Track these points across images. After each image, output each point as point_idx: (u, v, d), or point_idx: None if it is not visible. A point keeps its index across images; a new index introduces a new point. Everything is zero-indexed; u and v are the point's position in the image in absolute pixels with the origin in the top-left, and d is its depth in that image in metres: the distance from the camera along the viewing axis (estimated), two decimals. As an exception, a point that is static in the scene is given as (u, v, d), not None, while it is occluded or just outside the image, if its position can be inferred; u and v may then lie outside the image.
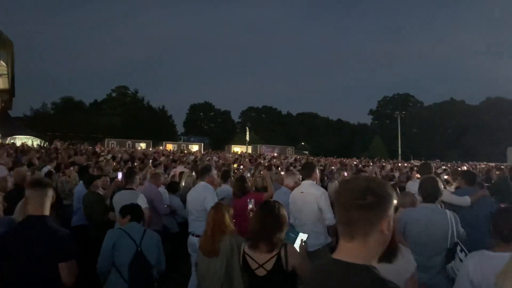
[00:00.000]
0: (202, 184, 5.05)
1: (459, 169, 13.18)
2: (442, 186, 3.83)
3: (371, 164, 19.92)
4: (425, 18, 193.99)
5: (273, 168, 11.19)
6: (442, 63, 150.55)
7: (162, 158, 15.99)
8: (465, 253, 3.14)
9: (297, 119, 79.59)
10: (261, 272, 2.70)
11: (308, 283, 1.39)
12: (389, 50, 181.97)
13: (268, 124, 75.49)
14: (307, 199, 4.47)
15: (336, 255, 1.30)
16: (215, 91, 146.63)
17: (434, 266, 3.31)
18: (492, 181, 8.67)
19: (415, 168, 9.80)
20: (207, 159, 18.02)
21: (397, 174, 12.35)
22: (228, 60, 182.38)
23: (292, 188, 4.99)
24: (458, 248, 3.21)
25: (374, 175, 7.77)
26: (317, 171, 4.94)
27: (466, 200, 4.82)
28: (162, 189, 6.47)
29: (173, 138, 59.37)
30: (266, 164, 13.07)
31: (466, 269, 2.40)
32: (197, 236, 4.48)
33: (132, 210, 3.82)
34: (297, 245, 3.07)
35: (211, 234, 3.24)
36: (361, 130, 76.93)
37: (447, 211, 3.53)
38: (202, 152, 34.04)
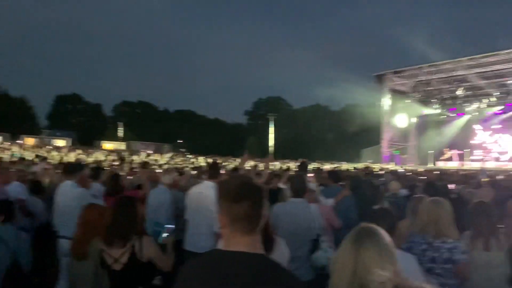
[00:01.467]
0: (70, 183, 4.69)
1: (323, 169, 14.54)
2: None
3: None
4: (294, 28, 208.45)
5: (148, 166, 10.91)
6: (310, 70, 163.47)
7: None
8: (327, 243, 3.55)
9: (174, 116, 78.41)
10: (117, 267, 2.72)
11: (192, 276, 1.41)
12: (264, 54, 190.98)
13: (144, 120, 72.84)
14: (205, 200, 4.40)
15: (232, 248, 1.37)
16: (85, 82, 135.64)
17: (300, 257, 3.64)
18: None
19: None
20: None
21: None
22: (102, 50, 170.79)
23: (171, 186, 4.95)
24: (322, 239, 3.61)
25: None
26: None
27: (328, 202, 5.39)
28: (17, 187, 5.67)
29: (34, 131, 53.31)
30: (142, 162, 12.67)
31: None
32: (68, 238, 4.16)
33: (3, 207, 3.36)
34: (162, 238, 3.05)
35: (82, 237, 3.08)
36: (237, 130, 79.14)
37: (313, 205, 3.93)
38: (69, 147, 31.35)
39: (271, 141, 52.90)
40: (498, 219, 3.87)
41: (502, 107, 29.67)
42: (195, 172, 9.38)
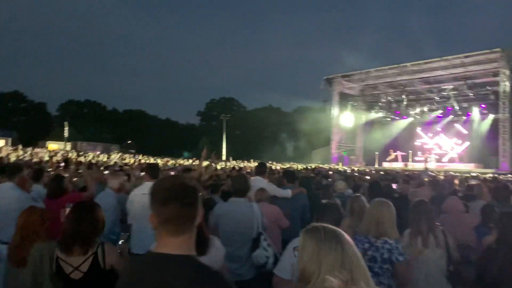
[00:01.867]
0: (8, 185, 4.43)
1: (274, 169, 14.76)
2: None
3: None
4: (248, 30, 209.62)
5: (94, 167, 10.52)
6: (263, 72, 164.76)
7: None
8: (267, 241, 3.59)
9: (123, 116, 76.16)
10: (77, 275, 2.58)
11: (127, 278, 1.43)
12: (217, 55, 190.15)
13: (91, 120, 70.13)
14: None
15: (162, 250, 1.37)
16: (28, 79, 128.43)
17: (242, 256, 3.67)
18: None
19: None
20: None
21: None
22: (47, 46, 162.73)
23: (117, 190, 4.80)
24: (262, 237, 3.64)
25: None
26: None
27: (288, 193, 5.55)
28: None
29: (-32, 131, 49.70)
30: (87, 163, 12.19)
31: (290, 250, 2.77)
32: (5, 243, 3.92)
33: None
34: (118, 245, 3.00)
35: (20, 241, 2.91)
36: (190, 130, 78.28)
37: (254, 204, 3.97)
38: (10, 148, 29.53)
39: (224, 142, 52.77)
40: (437, 217, 4.10)
41: (442, 111, 31.50)
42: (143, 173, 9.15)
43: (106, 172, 7.72)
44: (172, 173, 9.74)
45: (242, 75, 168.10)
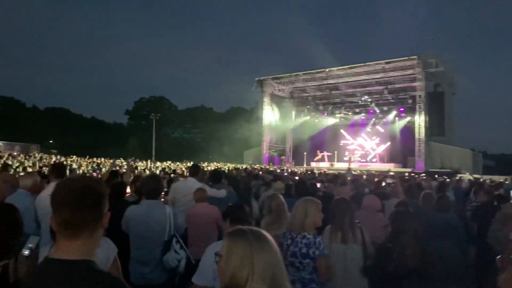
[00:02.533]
0: None
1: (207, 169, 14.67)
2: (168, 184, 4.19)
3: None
4: (179, 29, 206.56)
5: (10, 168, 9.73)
6: (195, 72, 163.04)
7: None
8: (180, 244, 3.54)
9: (45, 114, 71.29)
10: None
11: (22, 286, 1.36)
12: (147, 53, 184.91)
13: (8, 118, 64.71)
14: None
15: (56, 255, 1.31)
16: None
17: (154, 259, 3.58)
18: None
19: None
20: None
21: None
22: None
23: (31, 190, 4.46)
24: (174, 240, 3.59)
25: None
26: None
27: (223, 193, 5.62)
28: None
29: None
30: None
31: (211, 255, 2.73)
32: None
33: None
34: (26, 251, 2.76)
35: None
36: (117, 130, 75.31)
37: (167, 206, 3.90)
38: None
39: (154, 142, 51.40)
40: (356, 214, 4.31)
41: (365, 114, 33.48)
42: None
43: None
44: (94, 174, 9.29)
45: (173, 74, 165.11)
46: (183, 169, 17.19)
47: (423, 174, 19.34)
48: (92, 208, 1.32)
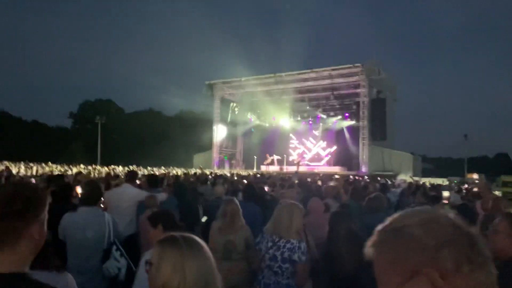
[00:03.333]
0: None
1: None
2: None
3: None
4: (126, 30, 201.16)
5: None
6: (144, 75, 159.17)
7: None
8: (120, 251, 3.47)
9: (-20, 117, 66.55)
10: None
11: None
12: (92, 53, 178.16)
13: None
14: None
15: None
16: None
17: (91, 268, 3.48)
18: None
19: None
20: None
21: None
22: None
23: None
24: (114, 247, 3.52)
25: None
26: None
27: (163, 196, 5.59)
28: None
29: None
30: None
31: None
32: None
33: None
34: None
35: None
36: (60, 134, 71.81)
37: (106, 213, 3.81)
38: None
39: (99, 147, 49.55)
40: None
41: (313, 118, 34.39)
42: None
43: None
44: (33, 181, 8.83)
45: (120, 76, 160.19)
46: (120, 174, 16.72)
47: (366, 177, 20.15)
48: (14, 216, 1.21)
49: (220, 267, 1.58)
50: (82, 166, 24.28)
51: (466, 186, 17.25)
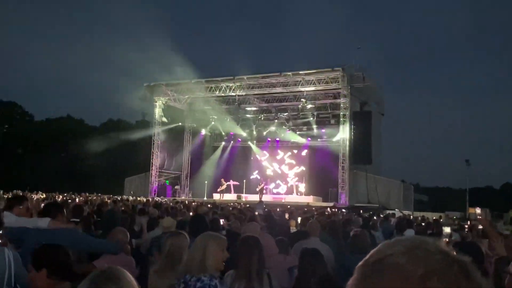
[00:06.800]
0: None
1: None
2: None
3: None
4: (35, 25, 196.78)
5: None
6: (60, 75, 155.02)
7: None
8: None
9: None
10: None
11: None
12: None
13: None
14: None
15: None
16: None
17: None
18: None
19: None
20: None
21: None
22: None
23: None
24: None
25: None
26: None
27: (44, 222, 5.32)
28: None
29: None
30: None
31: None
32: None
33: None
34: None
35: None
36: None
37: (6, 249, 3.71)
38: None
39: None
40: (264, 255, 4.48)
41: (282, 134, 34.61)
42: None
43: None
44: None
45: (29, 75, 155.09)
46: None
47: (344, 210, 20.42)
48: None
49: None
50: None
51: (469, 223, 17.87)
